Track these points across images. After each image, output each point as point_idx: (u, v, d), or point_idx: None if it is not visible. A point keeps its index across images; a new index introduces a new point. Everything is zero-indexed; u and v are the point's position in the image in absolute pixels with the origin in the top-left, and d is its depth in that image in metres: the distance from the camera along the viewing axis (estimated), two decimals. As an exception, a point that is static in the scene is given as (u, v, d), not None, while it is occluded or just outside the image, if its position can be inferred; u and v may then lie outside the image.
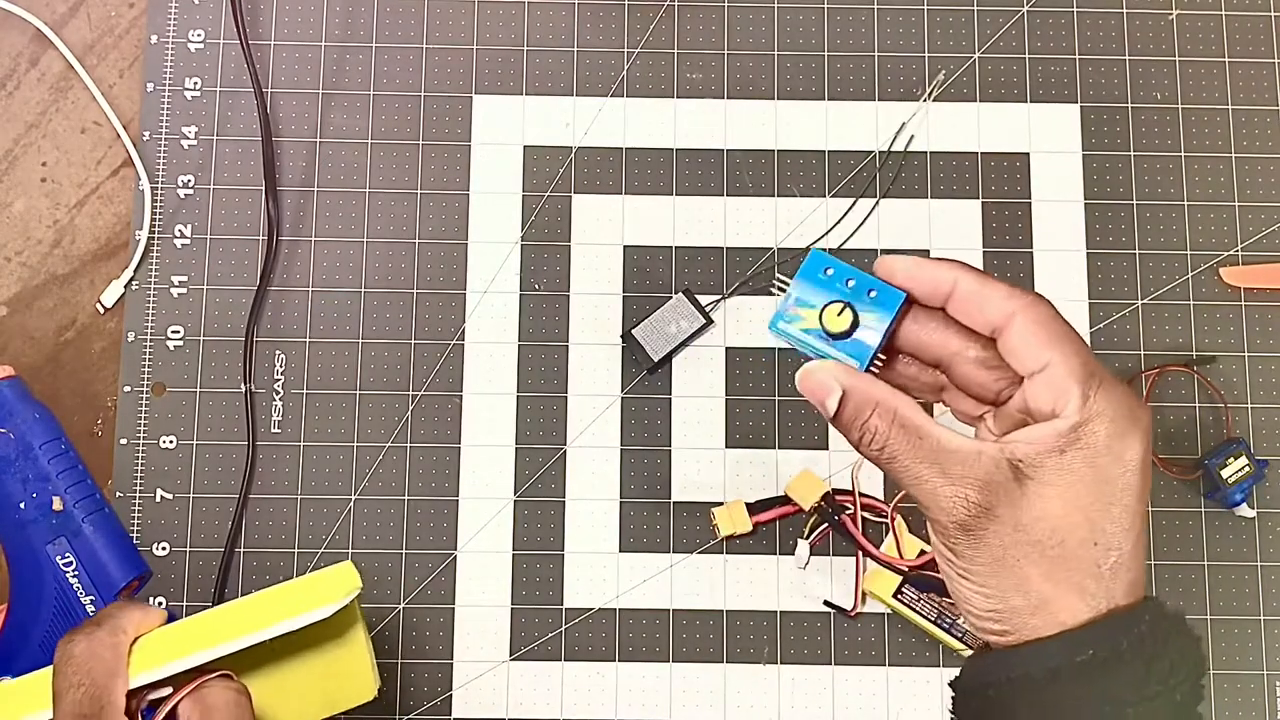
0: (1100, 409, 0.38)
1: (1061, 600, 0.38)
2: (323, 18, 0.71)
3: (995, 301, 0.39)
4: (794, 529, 0.66)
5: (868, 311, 0.41)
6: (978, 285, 0.39)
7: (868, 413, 0.40)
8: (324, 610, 0.48)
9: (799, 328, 0.42)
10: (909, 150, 0.70)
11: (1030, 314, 0.39)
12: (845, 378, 0.40)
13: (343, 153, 0.70)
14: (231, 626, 0.47)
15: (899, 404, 0.39)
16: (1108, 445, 0.37)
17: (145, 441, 0.66)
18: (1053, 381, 0.38)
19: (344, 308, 0.68)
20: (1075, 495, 0.37)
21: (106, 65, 0.70)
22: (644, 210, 0.69)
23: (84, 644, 0.45)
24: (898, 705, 0.65)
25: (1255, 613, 0.65)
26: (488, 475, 0.66)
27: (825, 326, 0.41)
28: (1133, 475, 0.38)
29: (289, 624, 0.48)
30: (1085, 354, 0.38)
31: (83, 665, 0.44)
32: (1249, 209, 0.69)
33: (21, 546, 0.53)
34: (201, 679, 0.46)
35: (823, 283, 0.42)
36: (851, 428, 0.40)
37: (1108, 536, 0.38)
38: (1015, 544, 0.38)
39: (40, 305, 0.68)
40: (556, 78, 0.70)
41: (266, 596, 0.49)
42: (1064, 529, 0.37)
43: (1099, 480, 0.37)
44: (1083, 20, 0.71)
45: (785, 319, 0.42)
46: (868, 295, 0.41)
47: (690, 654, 0.65)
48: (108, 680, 0.44)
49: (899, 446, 0.39)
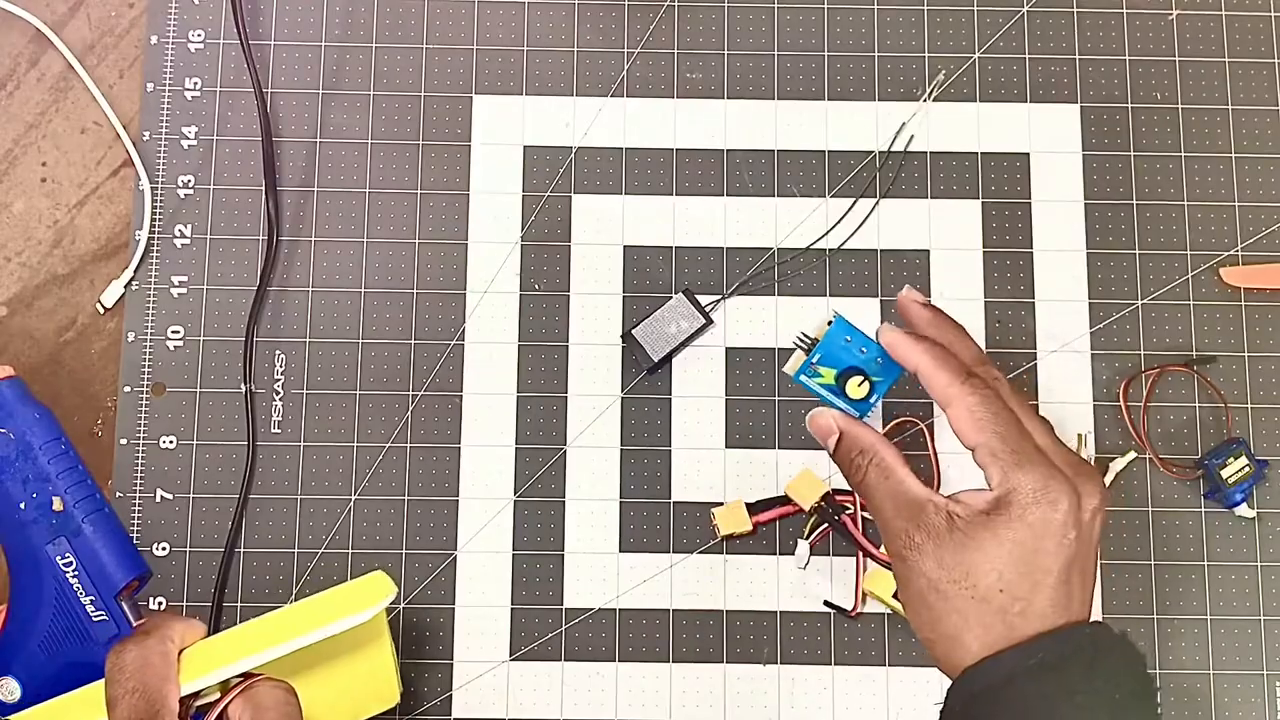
0: (1017, 485, 0.45)
1: (970, 634, 0.45)
2: (323, 18, 0.71)
3: (938, 388, 0.48)
4: (794, 529, 0.66)
5: (875, 378, 0.51)
6: (931, 370, 0.48)
7: (856, 451, 0.49)
8: (361, 616, 0.50)
9: (819, 383, 0.52)
10: (909, 150, 0.70)
11: (962, 405, 0.47)
12: (844, 424, 0.50)
13: (343, 153, 0.70)
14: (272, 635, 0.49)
15: (880, 448, 0.49)
16: (1021, 515, 0.45)
17: (145, 441, 0.66)
18: (981, 460, 0.47)
19: (344, 308, 0.68)
20: (990, 550, 0.45)
21: (106, 65, 0.70)
22: (644, 210, 0.69)
23: (135, 652, 0.47)
24: (898, 705, 0.65)
25: (1255, 613, 0.65)
26: (488, 475, 0.66)
27: (848, 393, 0.51)
28: (1049, 541, 0.45)
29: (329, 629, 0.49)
30: (1011, 438, 0.46)
31: (136, 673, 0.47)
32: (1249, 209, 0.69)
33: (21, 546, 0.53)
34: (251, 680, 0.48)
35: (843, 348, 0.51)
36: (843, 461, 0.50)
37: (1013, 587, 0.45)
38: (939, 579, 0.46)
39: (40, 305, 0.68)
40: (556, 78, 0.70)
41: (304, 606, 0.51)
42: (976, 574, 0.45)
43: (1013, 541, 0.45)
44: (1083, 20, 0.71)
45: (808, 374, 0.51)
46: (876, 362, 0.51)
47: (690, 654, 0.65)
48: (160, 685, 0.47)
49: (872, 480, 0.49)
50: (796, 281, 0.68)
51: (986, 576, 0.45)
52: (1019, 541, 0.45)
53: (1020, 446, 0.46)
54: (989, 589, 0.45)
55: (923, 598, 0.46)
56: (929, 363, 0.48)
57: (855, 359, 0.51)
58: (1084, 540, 0.46)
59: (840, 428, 0.50)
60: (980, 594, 0.45)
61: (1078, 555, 0.46)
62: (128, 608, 0.53)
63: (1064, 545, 0.45)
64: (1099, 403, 0.67)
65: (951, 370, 0.48)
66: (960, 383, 0.47)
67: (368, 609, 0.50)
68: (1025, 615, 0.45)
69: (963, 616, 0.45)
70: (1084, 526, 0.46)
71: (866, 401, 0.51)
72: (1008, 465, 0.46)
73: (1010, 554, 0.45)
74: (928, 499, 0.47)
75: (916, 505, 0.47)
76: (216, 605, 0.65)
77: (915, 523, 0.47)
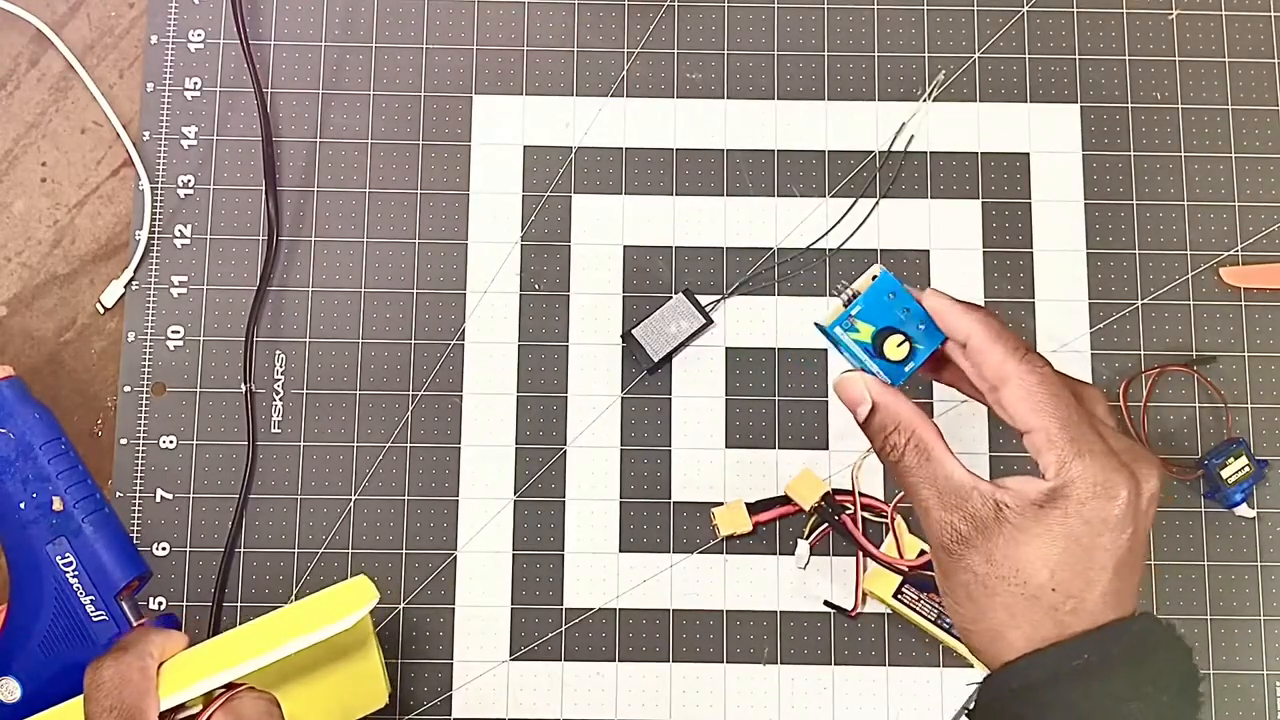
0: (1076, 477, 0.42)
1: (1016, 631, 0.42)
2: (323, 18, 0.71)
3: (993, 363, 0.44)
4: (794, 529, 0.66)
5: (917, 344, 0.46)
6: (985, 343, 0.44)
7: (891, 427, 0.45)
8: (343, 623, 0.49)
9: (854, 338, 0.46)
10: (909, 150, 0.70)
11: (1020, 382, 0.43)
12: (878, 392, 0.45)
13: (343, 153, 0.70)
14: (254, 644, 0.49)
15: (918, 425, 0.44)
16: (1079, 510, 0.42)
17: (145, 441, 0.66)
18: (1036, 446, 0.43)
19: (344, 308, 0.68)
20: (1043, 545, 0.42)
21: (106, 65, 0.70)
22: (644, 210, 0.69)
23: (112, 668, 0.47)
24: (898, 705, 0.65)
25: (1255, 613, 0.65)
26: (488, 475, 0.66)
27: (885, 354, 0.46)
28: (1105, 537, 0.42)
29: (310, 638, 0.49)
30: (1071, 423, 0.42)
31: (114, 690, 0.46)
32: (1249, 209, 0.69)
33: (21, 546, 0.53)
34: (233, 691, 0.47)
35: (885, 304, 0.46)
36: (875, 437, 0.45)
37: (1066, 585, 0.42)
38: (987, 575, 0.42)
39: (40, 305, 0.68)
40: (556, 78, 0.70)
41: (286, 614, 0.50)
42: (1027, 571, 0.42)
43: (1068, 537, 0.42)
44: (1083, 20, 0.71)
45: (844, 327, 0.46)
46: (918, 326, 0.46)
47: (690, 654, 0.65)
48: (138, 700, 0.46)
49: (910, 463, 0.44)
50: (796, 281, 0.68)
51: (1038, 574, 0.42)
52: (1075, 537, 0.42)
53: (1080, 434, 0.43)
54: (1040, 586, 0.42)
55: (967, 591, 0.43)
56: (983, 333, 0.44)
57: (895, 320, 0.46)
58: (1139, 532, 0.43)
59: (874, 397, 0.46)
60: (1030, 591, 0.42)
61: (1133, 548, 0.43)
62: (128, 608, 0.53)
63: (1120, 540, 0.42)
64: (1099, 403, 0.67)
65: (1008, 344, 0.44)
66: (1019, 359, 0.43)
67: (350, 615, 0.49)
68: (1076, 613, 0.42)
69: (1010, 613, 0.42)
70: (1140, 517, 0.43)
71: (902, 369, 0.46)
72: (1066, 454, 0.42)
73: (1065, 550, 0.42)
74: (973, 486, 0.43)
75: (961, 493, 0.43)
76: (216, 605, 0.65)
77: (960, 513, 0.43)
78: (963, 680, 0.65)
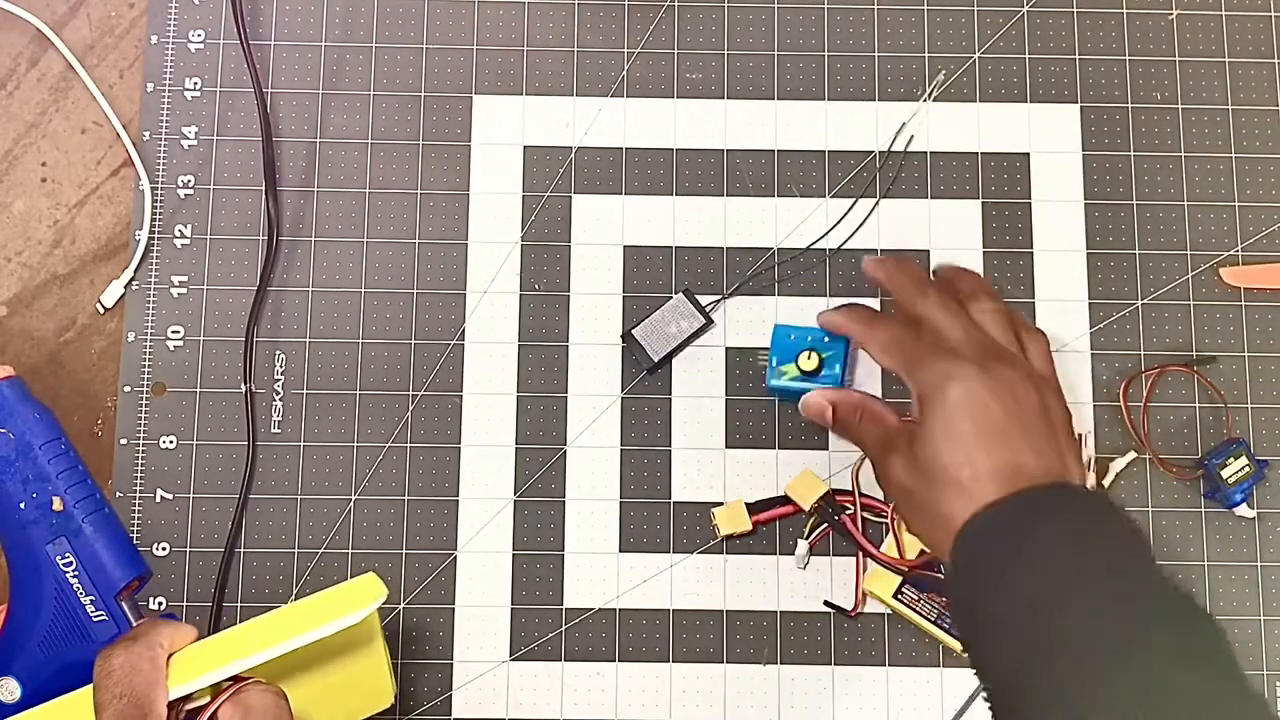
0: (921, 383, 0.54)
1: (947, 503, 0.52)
2: (323, 18, 0.71)
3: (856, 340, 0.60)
4: (794, 529, 0.66)
5: (827, 352, 0.63)
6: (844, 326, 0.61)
7: (849, 412, 0.59)
8: (351, 618, 0.50)
9: (787, 379, 0.64)
10: (909, 150, 0.70)
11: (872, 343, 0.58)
12: (830, 394, 0.61)
13: (343, 153, 0.70)
14: (263, 638, 0.49)
15: (868, 401, 0.59)
16: (939, 403, 0.53)
17: (145, 441, 0.66)
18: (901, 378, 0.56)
19: (344, 308, 0.68)
20: (932, 442, 0.53)
21: (106, 65, 0.70)
22: (644, 210, 0.69)
23: (122, 657, 0.47)
24: (898, 705, 0.65)
25: (1255, 613, 0.65)
26: (488, 475, 0.66)
27: (801, 368, 0.63)
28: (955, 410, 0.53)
29: (319, 632, 0.49)
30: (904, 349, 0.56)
31: (123, 678, 0.47)
32: (1249, 209, 0.69)
33: (21, 546, 0.53)
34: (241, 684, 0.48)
35: (789, 345, 0.64)
36: (843, 425, 0.60)
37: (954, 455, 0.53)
38: (912, 471, 0.54)
39: (40, 305, 0.68)
40: (556, 78, 0.70)
41: (295, 609, 0.51)
42: (930, 465, 0.53)
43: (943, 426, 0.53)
44: (1083, 20, 0.71)
45: (775, 376, 0.64)
46: (823, 341, 0.63)
47: (690, 654, 0.65)
48: (148, 690, 0.46)
49: (865, 429, 0.59)
50: (796, 281, 0.68)
51: (938, 457, 0.53)
52: (947, 422, 0.53)
53: (910, 350, 0.56)
54: (943, 466, 0.53)
55: (908, 500, 0.55)
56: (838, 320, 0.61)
57: (804, 347, 0.63)
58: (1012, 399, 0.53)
59: (830, 399, 0.60)
60: (938, 470, 0.53)
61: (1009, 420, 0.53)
62: (128, 608, 0.53)
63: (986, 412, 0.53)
64: (1099, 403, 0.67)
65: (858, 320, 0.59)
66: (866, 326, 0.59)
67: (358, 611, 0.50)
68: (979, 477, 0.52)
69: (936, 501, 0.53)
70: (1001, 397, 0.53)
71: (831, 374, 0.62)
72: (908, 370, 0.55)
73: (940, 431, 0.53)
74: (896, 420, 0.57)
75: (889, 426, 0.57)
76: (216, 605, 0.65)
77: (892, 445, 0.56)
78: (963, 680, 0.65)
